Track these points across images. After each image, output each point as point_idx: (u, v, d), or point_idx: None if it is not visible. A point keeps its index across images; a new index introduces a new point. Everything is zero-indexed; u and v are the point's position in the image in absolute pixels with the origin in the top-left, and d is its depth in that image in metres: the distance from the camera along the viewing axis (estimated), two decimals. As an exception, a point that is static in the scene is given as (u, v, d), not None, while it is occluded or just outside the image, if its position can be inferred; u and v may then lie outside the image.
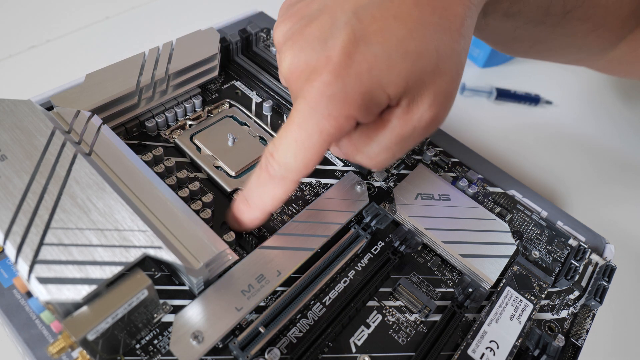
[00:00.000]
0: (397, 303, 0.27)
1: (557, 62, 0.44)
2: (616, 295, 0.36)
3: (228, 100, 0.36)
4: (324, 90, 0.21)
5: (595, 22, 0.34)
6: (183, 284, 0.26)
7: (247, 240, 0.28)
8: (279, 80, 0.37)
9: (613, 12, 0.34)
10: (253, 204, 0.26)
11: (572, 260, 0.31)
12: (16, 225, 0.21)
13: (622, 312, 0.37)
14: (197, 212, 0.28)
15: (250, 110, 0.36)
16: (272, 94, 0.37)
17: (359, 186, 0.31)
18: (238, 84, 0.38)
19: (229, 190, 0.30)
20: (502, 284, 0.28)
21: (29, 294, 0.21)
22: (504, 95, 0.52)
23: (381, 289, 0.28)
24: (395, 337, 0.26)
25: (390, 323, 0.26)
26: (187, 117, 0.34)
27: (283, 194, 0.24)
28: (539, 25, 0.33)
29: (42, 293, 0.19)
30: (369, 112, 0.22)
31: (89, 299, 0.20)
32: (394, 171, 0.34)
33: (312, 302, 0.26)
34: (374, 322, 0.26)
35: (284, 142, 0.23)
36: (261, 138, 0.34)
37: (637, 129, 0.52)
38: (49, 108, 0.29)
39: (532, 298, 0.28)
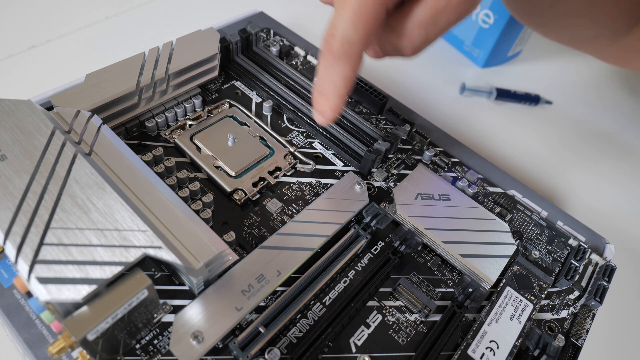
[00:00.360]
0: (397, 303, 0.27)
1: (571, 42, 0.44)
2: (616, 295, 0.36)
3: (228, 100, 0.36)
4: None
5: None
6: (183, 284, 0.26)
7: (247, 240, 0.28)
8: (279, 80, 0.37)
9: None
10: (328, 91, 0.26)
11: (572, 260, 0.31)
12: (16, 225, 0.21)
13: (622, 312, 0.37)
14: (197, 212, 0.28)
15: (250, 110, 0.36)
16: (272, 94, 0.37)
17: (358, 186, 0.31)
18: (238, 84, 0.38)
19: (229, 190, 0.30)
20: (502, 284, 0.28)
21: (29, 294, 0.21)
22: (504, 95, 0.52)
23: (381, 289, 0.28)
24: (395, 337, 0.26)
25: (390, 323, 0.26)
26: (187, 117, 0.34)
27: (351, 71, 0.25)
28: None
29: (42, 293, 0.19)
30: None
31: (89, 299, 0.20)
32: (394, 171, 0.34)
33: (312, 302, 0.26)
34: (374, 322, 0.26)
35: (341, 18, 0.23)
36: (261, 138, 0.34)
37: (637, 129, 0.52)
38: (49, 108, 0.29)
39: (532, 298, 0.28)
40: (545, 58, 0.59)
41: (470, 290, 0.27)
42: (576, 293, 0.30)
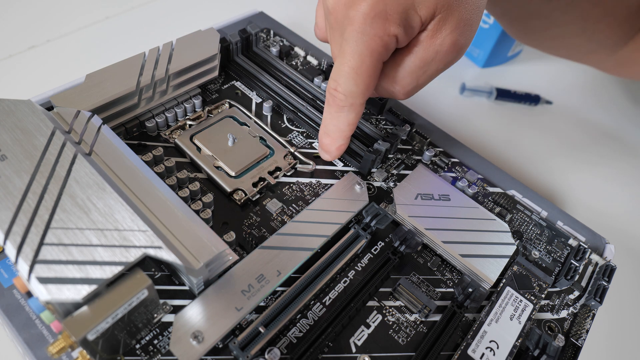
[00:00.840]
0: (397, 303, 0.27)
1: (568, 57, 0.44)
2: (616, 295, 0.36)
3: (228, 100, 0.36)
4: (368, 12, 0.23)
5: (606, 9, 0.35)
6: (183, 284, 0.26)
7: (247, 240, 0.28)
8: (279, 81, 0.37)
9: (622, 1, 0.35)
10: (334, 135, 0.29)
11: (572, 260, 0.31)
12: (16, 225, 0.21)
13: (622, 312, 0.37)
14: (197, 212, 0.28)
15: (250, 111, 0.36)
16: (272, 94, 0.37)
17: (358, 186, 0.31)
18: (238, 84, 0.38)
19: (229, 190, 0.30)
20: (502, 284, 0.28)
21: (29, 294, 0.21)
22: (504, 95, 0.52)
23: (381, 289, 0.28)
24: (395, 337, 0.26)
25: (390, 323, 0.26)
26: (187, 117, 0.34)
27: (356, 117, 0.28)
28: (552, 1, 0.34)
29: (42, 293, 0.19)
30: (406, 31, 0.24)
31: (89, 299, 0.20)
32: (394, 171, 0.34)
33: (312, 302, 0.26)
34: (374, 322, 0.26)
35: (342, 73, 0.25)
36: (261, 138, 0.34)
37: (637, 129, 0.52)
38: (49, 108, 0.29)
39: (532, 298, 0.28)
40: (545, 58, 0.59)
41: (470, 290, 0.27)
42: (576, 293, 0.30)
